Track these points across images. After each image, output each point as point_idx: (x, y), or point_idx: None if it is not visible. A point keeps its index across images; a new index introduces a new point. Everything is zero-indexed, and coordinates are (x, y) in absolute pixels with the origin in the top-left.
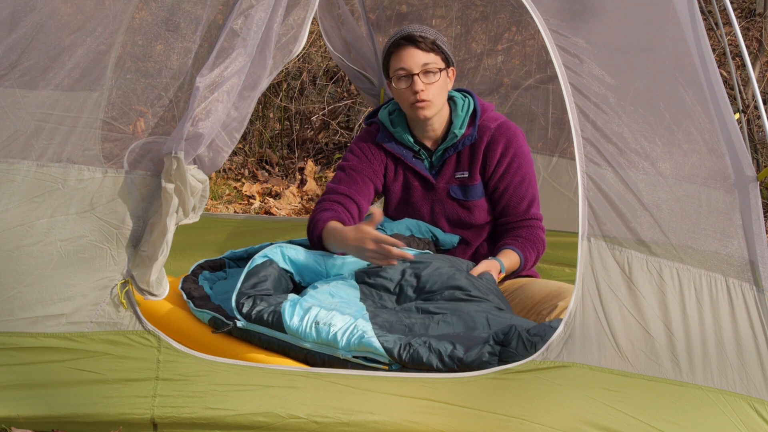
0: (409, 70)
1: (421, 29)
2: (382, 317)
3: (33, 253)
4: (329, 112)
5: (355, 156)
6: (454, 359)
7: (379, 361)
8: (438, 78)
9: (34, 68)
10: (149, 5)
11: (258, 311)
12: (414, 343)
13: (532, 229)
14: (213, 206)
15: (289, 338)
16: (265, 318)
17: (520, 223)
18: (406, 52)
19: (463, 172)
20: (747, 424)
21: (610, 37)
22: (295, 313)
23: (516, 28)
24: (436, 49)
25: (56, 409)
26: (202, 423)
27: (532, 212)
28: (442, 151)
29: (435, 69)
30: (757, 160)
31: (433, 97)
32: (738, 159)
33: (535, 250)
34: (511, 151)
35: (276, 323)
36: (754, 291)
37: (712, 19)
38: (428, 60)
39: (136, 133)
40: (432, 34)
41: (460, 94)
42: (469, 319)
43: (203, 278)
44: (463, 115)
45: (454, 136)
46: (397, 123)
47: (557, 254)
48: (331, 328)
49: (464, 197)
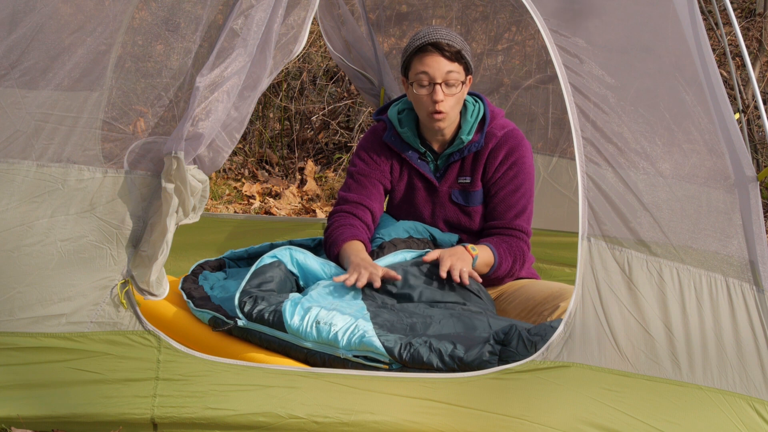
0: (432, 77)
1: (449, 36)
2: (383, 317)
3: (33, 253)
4: (329, 112)
5: (362, 160)
6: (454, 359)
7: (379, 360)
8: (459, 90)
9: (34, 68)
10: (149, 5)
11: (259, 310)
12: (415, 343)
13: (514, 238)
14: (213, 206)
15: (290, 338)
16: (266, 317)
17: (503, 230)
18: (432, 58)
19: (466, 178)
20: (747, 424)
21: (610, 37)
22: (296, 313)
23: (516, 28)
24: (460, 59)
25: (56, 409)
26: (202, 423)
27: (518, 223)
28: (448, 155)
29: (457, 81)
30: (757, 160)
31: (449, 109)
32: (738, 159)
33: (512, 255)
34: (511, 159)
35: (277, 322)
36: (754, 291)
37: (712, 19)
38: (452, 68)
39: (136, 133)
40: (458, 43)
41: (471, 99)
42: (470, 320)
43: (203, 278)
44: (471, 121)
45: (461, 142)
46: (405, 123)
47: (557, 254)
48: (332, 328)
49: (465, 203)
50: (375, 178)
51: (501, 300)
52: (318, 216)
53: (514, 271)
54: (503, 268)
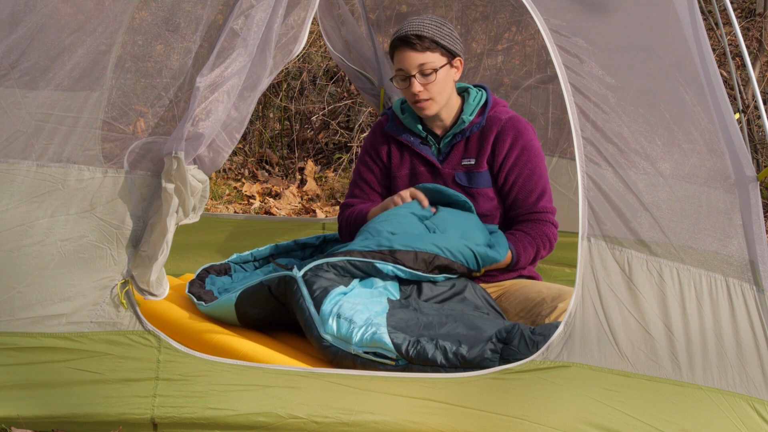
0: (406, 71)
1: (418, 28)
2: (398, 316)
3: (33, 253)
4: (329, 112)
5: (364, 165)
6: (458, 356)
7: (387, 356)
8: (435, 78)
9: (34, 68)
10: (149, 5)
11: (315, 278)
12: (422, 341)
13: (539, 223)
14: (213, 206)
15: (317, 320)
16: (314, 288)
17: (528, 216)
18: (402, 53)
19: (470, 159)
20: (747, 424)
21: (610, 37)
22: (333, 302)
23: (516, 28)
24: (433, 47)
25: (56, 409)
26: (202, 423)
27: (542, 205)
28: (451, 136)
29: (430, 69)
30: (757, 160)
31: (434, 94)
32: (738, 159)
33: (535, 245)
34: (520, 144)
35: (318, 299)
36: (754, 291)
37: (712, 19)
38: (423, 60)
39: (136, 133)
40: (429, 32)
41: (475, 89)
42: (482, 321)
43: (210, 282)
44: (474, 105)
45: (462, 123)
46: (407, 111)
47: (557, 254)
48: (351, 325)
49: (469, 184)
50: (378, 181)
51: (501, 300)
52: (318, 216)
53: (539, 257)
54: (523, 260)
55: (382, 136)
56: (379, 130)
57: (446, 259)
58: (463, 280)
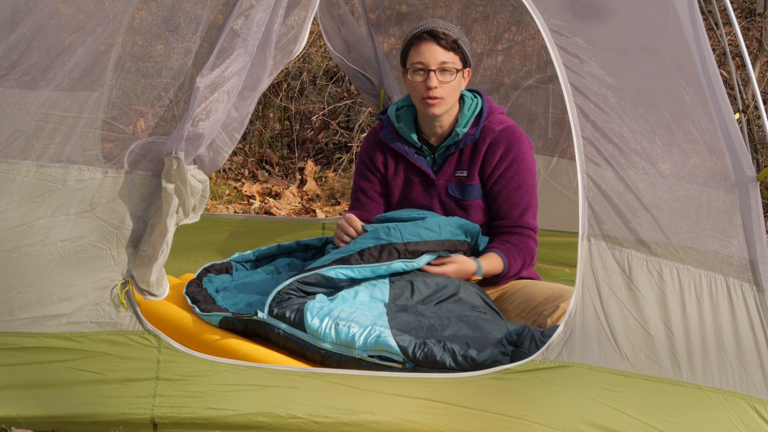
0: (427, 65)
1: (446, 26)
2: (401, 319)
3: (33, 253)
4: (329, 112)
5: (361, 176)
6: (467, 358)
7: (393, 360)
8: (454, 78)
9: (34, 68)
10: (149, 5)
11: (281, 308)
12: (429, 343)
13: (522, 237)
14: (213, 206)
15: (308, 338)
16: (287, 315)
17: (511, 228)
18: (427, 46)
19: (463, 171)
20: (747, 424)
21: (610, 37)
22: (316, 315)
23: (516, 28)
24: (456, 49)
25: (56, 409)
26: (202, 423)
27: (525, 220)
28: (444, 148)
29: (452, 69)
30: (757, 160)
31: (445, 95)
32: (738, 159)
33: (522, 257)
34: (510, 155)
35: (297, 322)
36: (754, 291)
37: (712, 19)
38: (447, 59)
39: (136, 133)
40: (455, 33)
41: (470, 94)
42: (485, 323)
43: (207, 281)
44: (468, 115)
45: (456, 135)
46: (403, 119)
47: (557, 254)
48: (351, 329)
49: (461, 196)
50: (376, 191)
51: (501, 300)
52: (318, 216)
53: (523, 270)
54: (512, 271)
55: (377, 144)
56: (374, 138)
57: (428, 242)
58: (456, 281)
